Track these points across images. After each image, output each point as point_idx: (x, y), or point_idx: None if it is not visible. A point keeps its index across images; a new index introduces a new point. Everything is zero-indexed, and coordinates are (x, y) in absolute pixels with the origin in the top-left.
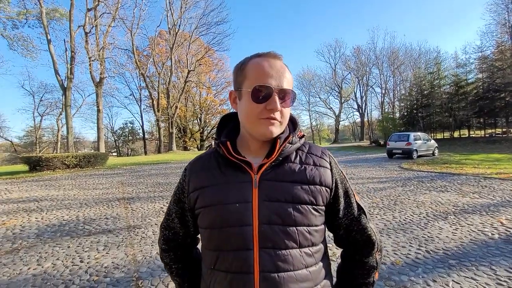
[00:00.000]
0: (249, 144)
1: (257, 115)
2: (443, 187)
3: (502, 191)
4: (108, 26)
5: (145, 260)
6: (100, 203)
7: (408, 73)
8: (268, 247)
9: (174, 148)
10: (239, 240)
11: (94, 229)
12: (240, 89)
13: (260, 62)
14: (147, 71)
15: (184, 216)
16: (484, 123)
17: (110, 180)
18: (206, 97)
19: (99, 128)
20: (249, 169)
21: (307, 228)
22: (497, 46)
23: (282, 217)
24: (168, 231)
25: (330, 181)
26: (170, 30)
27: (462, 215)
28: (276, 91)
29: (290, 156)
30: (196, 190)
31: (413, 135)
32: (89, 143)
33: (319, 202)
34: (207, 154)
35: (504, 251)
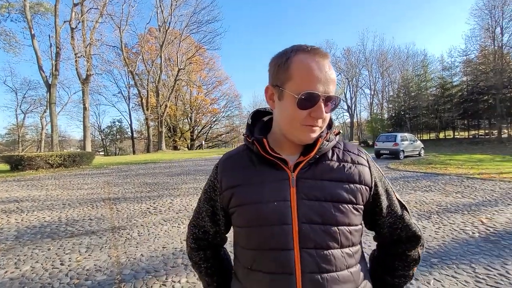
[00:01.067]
0: (283, 142)
1: (300, 122)
2: (427, 187)
3: (483, 191)
4: (95, 22)
5: (129, 262)
6: (84, 203)
7: (396, 75)
8: (309, 247)
9: (163, 147)
10: (279, 239)
11: (77, 230)
12: (283, 89)
13: (308, 63)
14: (136, 68)
15: (215, 214)
16: (468, 125)
17: (96, 180)
18: (196, 96)
19: (85, 127)
20: (285, 167)
21: (348, 228)
22: (481, 50)
23: (322, 216)
24: (198, 229)
25: (370, 179)
26: (160, 27)
27: (445, 215)
28: (323, 98)
29: (327, 154)
30: (230, 189)
31: (400, 136)
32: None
33: (359, 201)
34: (238, 152)
35: (483, 249)
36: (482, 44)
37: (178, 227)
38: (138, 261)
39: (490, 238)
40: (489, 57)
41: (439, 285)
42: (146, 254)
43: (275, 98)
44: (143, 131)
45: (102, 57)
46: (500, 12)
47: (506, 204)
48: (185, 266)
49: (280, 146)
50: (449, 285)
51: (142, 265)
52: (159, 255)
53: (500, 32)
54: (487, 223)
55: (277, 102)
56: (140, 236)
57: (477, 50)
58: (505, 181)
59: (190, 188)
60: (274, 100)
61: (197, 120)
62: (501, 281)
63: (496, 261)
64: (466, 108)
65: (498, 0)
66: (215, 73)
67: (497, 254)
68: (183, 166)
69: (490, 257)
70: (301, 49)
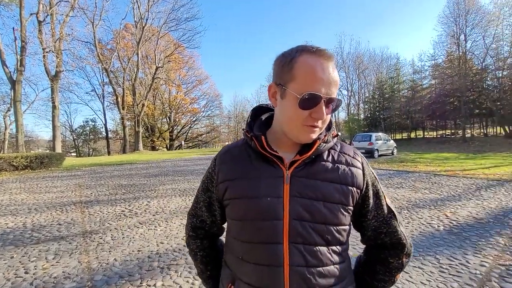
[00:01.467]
0: (281, 140)
1: (301, 121)
2: (399, 184)
3: (449, 187)
4: (65, 16)
5: (101, 267)
6: (53, 207)
7: (371, 77)
8: (298, 242)
9: (140, 148)
10: (270, 233)
11: (44, 236)
12: (285, 88)
13: (312, 64)
14: (111, 65)
15: (211, 205)
16: (436, 125)
17: (66, 182)
18: (176, 95)
19: (54, 126)
20: (281, 164)
21: (336, 227)
22: (447, 56)
23: (312, 214)
24: (196, 218)
25: (362, 182)
26: (136, 23)
27: (414, 210)
28: (325, 100)
29: (322, 155)
30: (226, 181)
31: (375, 135)
32: (43, 142)
33: (349, 203)
34: (237, 146)
35: (447, 241)
36: (448, 50)
37: (154, 230)
38: (111, 266)
39: (453, 231)
40: (455, 62)
41: (407, 276)
42: (119, 259)
43: (278, 97)
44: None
45: (73, 53)
46: (464, 20)
47: (468, 199)
48: (161, 269)
49: (278, 143)
50: (416, 275)
51: (115, 270)
52: (134, 259)
53: (464, 39)
54: (451, 217)
55: (279, 101)
56: (113, 240)
57: (444, 55)
58: (467, 177)
59: (168, 190)
60: (277, 99)
61: (176, 120)
62: (461, 270)
63: (458, 252)
64: (434, 109)
65: (462, 10)
66: (195, 72)
67: (458, 246)
68: (161, 167)
69: (452, 248)
70: (306, 50)
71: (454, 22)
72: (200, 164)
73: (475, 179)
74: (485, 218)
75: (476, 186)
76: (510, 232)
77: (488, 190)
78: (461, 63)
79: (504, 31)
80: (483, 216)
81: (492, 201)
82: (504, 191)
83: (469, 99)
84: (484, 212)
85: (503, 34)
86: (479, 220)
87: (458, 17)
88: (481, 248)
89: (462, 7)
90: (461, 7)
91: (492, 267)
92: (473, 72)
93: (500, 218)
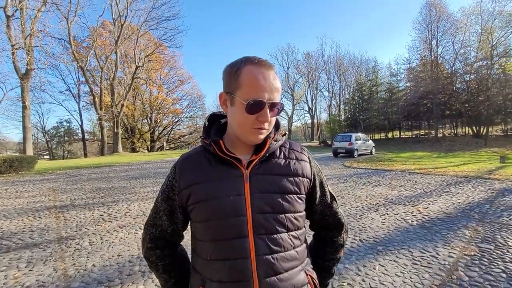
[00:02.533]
0: (236, 143)
1: (249, 125)
2: (377, 182)
3: (422, 184)
4: (37, 11)
5: (79, 274)
6: (24, 213)
7: (351, 79)
8: (261, 233)
9: (120, 149)
10: (236, 229)
11: (15, 244)
12: (233, 96)
13: (255, 74)
14: (87, 64)
15: (173, 213)
16: (411, 125)
17: (39, 187)
18: (157, 96)
19: (25, 127)
20: (239, 165)
21: (293, 215)
22: (421, 60)
23: (272, 206)
24: (155, 229)
25: (310, 173)
26: (114, 21)
27: (390, 206)
28: (268, 104)
29: (275, 152)
30: (189, 187)
31: (355, 136)
32: (12, 144)
33: (302, 192)
34: (196, 153)
35: (420, 235)
36: (421, 54)
37: (135, 233)
38: (89, 272)
39: (425, 225)
40: (427, 66)
41: (383, 269)
42: (98, 264)
43: (228, 104)
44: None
45: (46, 50)
46: (435, 26)
47: (439, 195)
48: (142, 273)
49: (234, 146)
50: (391, 268)
51: (94, 276)
52: (114, 264)
53: (435, 44)
54: (424, 212)
55: (229, 107)
56: (91, 246)
57: (418, 59)
58: (439, 175)
59: (149, 192)
60: (227, 105)
61: (157, 121)
62: (432, 261)
63: (429, 245)
64: (409, 110)
65: (434, 16)
66: (177, 72)
67: (430, 239)
68: (142, 169)
69: (424, 242)
70: (249, 61)
71: (426, 28)
72: None
73: (446, 176)
74: (454, 212)
75: (446, 183)
76: (475, 225)
77: (457, 187)
78: (433, 67)
79: (471, 37)
80: (452, 211)
81: (460, 197)
82: (471, 187)
83: (440, 101)
84: (453, 207)
85: (470, 40)
86: (448, 214)
87: (430, 23)
88: (450, 240)
89: (433, 14)
90: (432, 14)
91: (459, 257)
92: (444, 75)
93: (467, 212)
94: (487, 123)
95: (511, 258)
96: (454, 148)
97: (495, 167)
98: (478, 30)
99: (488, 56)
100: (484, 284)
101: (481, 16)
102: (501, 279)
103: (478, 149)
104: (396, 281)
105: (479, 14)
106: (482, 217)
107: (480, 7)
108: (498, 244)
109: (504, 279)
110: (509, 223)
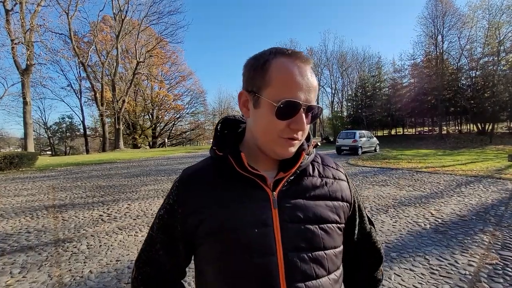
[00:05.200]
0: (257, 155)
1: (278, 133)
2: (384, 181)
3: (431, 184)
4: (37, 5)
5: (74, 281)
6: (22, 213)
7: (354, 75)
8: (297, 280)
9: (121, 146)
10: (262, 274)
11: (10, 247)
12: (258, 96)
13: (289, 67)
14: (88, 59)
15: (173, 245)
16: (415, 122)
17: (39, 184)
18: (158, 92)
19: (26, 123)
20: (264, 185)
21: (333, 251)
22: (426, 55)
23: (309, 241)
24: (150, 267)
25: (349, 195)
26: (115, 16)
27: (400, 208)
28: (304, 108)
29: (307, 169)
30: (197, 213)
31: (359, 133)
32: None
33: (342, 220)
34: (205, 166)
35: (435, 240)
36: (426, 50)
37: (135, 236)
38: (86, 280)
39: (439, 229)
40: (432, 62)
41: (399, 279)
42: (95, 270)
43: (250, 106)
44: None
45: (46, 45)
46: (441, 21)
47: (450, 196)
48: None
49: (255, 160)
50: (408, 278)
51: (90, 284)
52: (112, 270)
53: (441, 39)
54: (436, 215)
55: (252, 110)
56: (89, 249)
57: (422, 55)
58: (447, 174)
59: (150, 191)
60: (249, 108)
61: (159, 117)
62: (451, 270)
63: (446, 251)
64: (413, 107)
65: (439, 11)
66: (178, 68)
67: (446, 245)
68: (143, 166)
69: (440, 248)
70: (281, 52)
71: (432, 23)
72: (185, 163)
73: (454, 175)
74: (468, 215)
75: (456, 182)
76: (492, 230)
77: (467, 187)
78: (438, 63)
79: (477, 33)
80: (466, 213)
81: (472, 198)
82: (482, 187)
83: (445, 97)
84: (466, 209)
85: (476, 36)
86: (462, 217)
87: (436, 18)
88: (467, 246)
89: (439, 9)
90: (438, 9)
91: (480, 266)
92: (449, 71)
93: (482, 215)
94: (493, 120)
95: None
96: (458, 145)
97: (504, 166)
98: (485, 25)
99: (494, 52)
100: None
101: (488, 11)
102: None
103: (483, 146)
104: None
105: (487, 8)
106: (498, 221)
107: (487, 2)
108: None
109: None
110: None
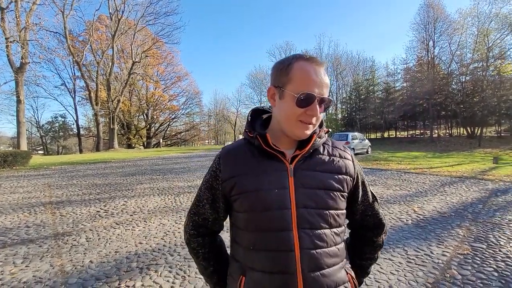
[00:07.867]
0: (280, 137)
1: (297, 117)
2: (373, 181)
3: (417, 184)
4: (32, 4)
5: (76, 270)
6: (20, 209)
7: (349, 78)
8: (305, 227)
9: (115, 145)
10: (280, 222)
11: (11, 240)
12: (283, 89)
13: (306, 68)
14: (83, 59)
15: (215, 202)
16: (407, 125)
17: (34, 182)
18: (153, 92)
19: (19, 122)
20: (284, 159)
21: (336, 212)
22: (418, 60)
23: (316, 202)
24: (198, 216)
25: (353, 171)
26: (111, 15)
27: (386, 205)
28: (318, 99)
29: (318, 149)
30: (233, 178)
31: (351, 135)
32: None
33: (345, 189)
34: (239, 145)
35: (414, 234)
36: (418, 55)
37: (132, 230)
38: (87, 268)
39: (420, 224)
40: (424, 67)
41: (378, 267)
42: (95, 260)
43: (276, 98)
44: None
45: (41, 44)
46: (432, 27)
47: (433, 194)
48: (140, 269)
49: (278, 141)
50: (386, 266)
51: (91, 272)
52: (111, 260)
53: (432, 45)
54: (418, 211)
55: (277, 101)
56: (88, 242)
57: (414, 59)
58: (433, 175)
59: (146, 189)
60: (275, 99)
61: (154, 117)
62: (426, 260)
63: (424, 243)
64: (405, 110)
65: (431, 17)
66: (174, 68)
67: (424, 238)
68: (138, 166)
69: (419, 240)
70: (301, 57)
71: (424, 28)
72: (179, 163)
73: (440, 176)
74: (448, 212)
75: (441, 182)
76: (468, 224)
77: (451, 186)
78: (430, 67)
79: (467, 39)
80: (446, 210)
81: (454, 196)
82: (465, 187)
83: (436, 101)
84: (447, 206)
85: (466, 42)
86: (443, 214)
87: (427, 24)
88: (443, 239)
89: (431, 15)
90: (430, 15)
91: (452, 256)
92: (440, 76)
93: (460, 212)
94: (481, 124)
95: (502, 257)
96: (448, 148)
97: (489, 168)
98: (474, 32)
99: (483, 58)
100: (477, 283)
101: (477, 18)
102: (492, 278)
103: (472, 149)
104: (391, 279)
105: (476, 15)
106: (475, 217)
107: (477, 9)
108: (490, 244)
109: (496, 277)
110: (501, 223)
